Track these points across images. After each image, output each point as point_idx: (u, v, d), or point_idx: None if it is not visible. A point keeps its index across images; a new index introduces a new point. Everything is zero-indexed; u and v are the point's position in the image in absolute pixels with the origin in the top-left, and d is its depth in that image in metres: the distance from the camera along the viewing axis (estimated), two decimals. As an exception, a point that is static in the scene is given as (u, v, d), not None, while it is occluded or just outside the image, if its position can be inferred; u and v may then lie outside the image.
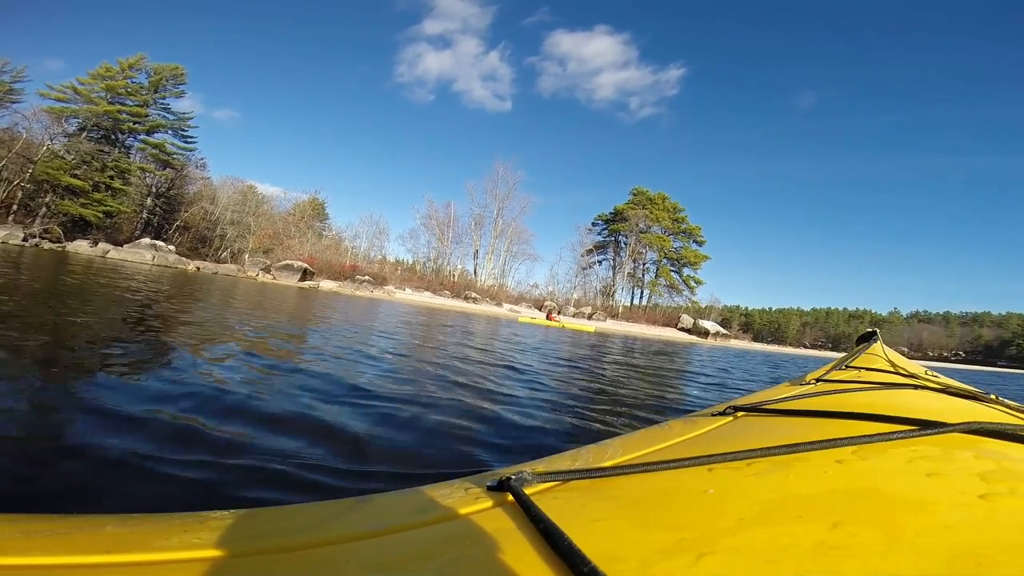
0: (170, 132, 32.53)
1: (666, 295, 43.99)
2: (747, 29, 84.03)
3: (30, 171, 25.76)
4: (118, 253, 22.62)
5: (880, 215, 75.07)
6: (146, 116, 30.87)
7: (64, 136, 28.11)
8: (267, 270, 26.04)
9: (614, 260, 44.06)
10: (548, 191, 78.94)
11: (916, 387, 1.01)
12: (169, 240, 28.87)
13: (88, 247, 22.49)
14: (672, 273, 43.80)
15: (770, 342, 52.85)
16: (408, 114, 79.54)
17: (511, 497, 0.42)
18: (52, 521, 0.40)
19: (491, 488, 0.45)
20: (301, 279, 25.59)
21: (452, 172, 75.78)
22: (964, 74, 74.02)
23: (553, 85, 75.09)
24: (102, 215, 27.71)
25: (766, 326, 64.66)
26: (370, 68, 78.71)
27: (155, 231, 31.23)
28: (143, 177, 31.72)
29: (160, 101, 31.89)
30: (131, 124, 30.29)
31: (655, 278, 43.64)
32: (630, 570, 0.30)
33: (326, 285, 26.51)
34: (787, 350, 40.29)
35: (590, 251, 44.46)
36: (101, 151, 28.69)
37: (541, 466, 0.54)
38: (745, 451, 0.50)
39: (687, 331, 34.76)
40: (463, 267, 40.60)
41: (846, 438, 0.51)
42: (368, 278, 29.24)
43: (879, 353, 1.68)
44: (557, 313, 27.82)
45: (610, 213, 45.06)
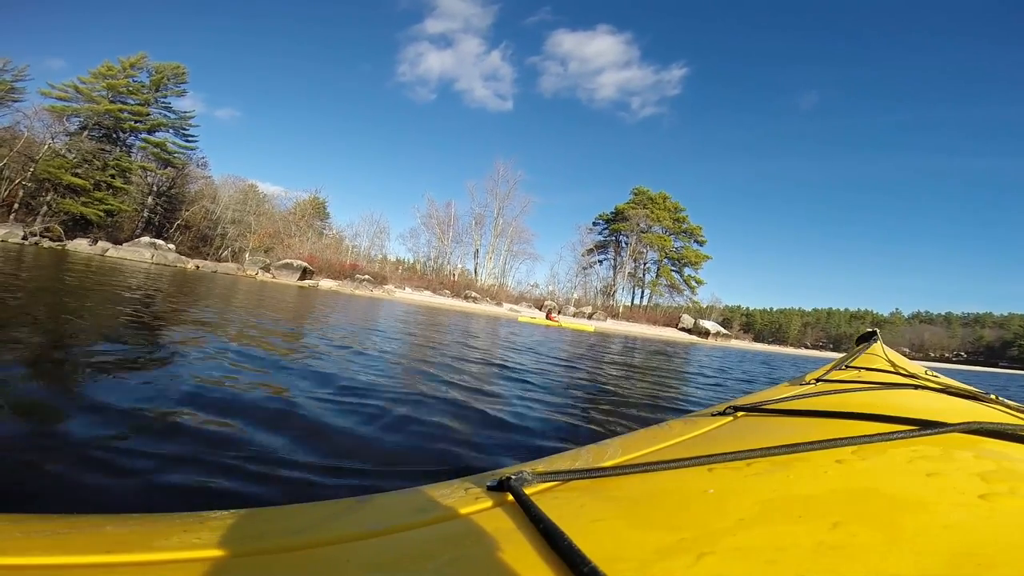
0: (171, 131, 32.60)
1: (667, 295, 44.04)
2: (748, 29, 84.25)
3: (31, 170, 25.81)
4: (117, 252, 22.63)
5: (881, 215, 75.28)
6: (147, 115, 30.91)
7: (65, 135, 28.17)
8: (266, 269, 26.06)
9: (615, 260, 44.07)
10: (549, 191, 78.85)
11: (916, 387, 1.01)
12: (170, 239, 28.92)
13: (87, 246, 22.50)
14: (673, 273, 43.78)
15: (771, 342, 52.79)
16: (409, 113, 79.86)
17: (511, 497, 0.42)
18: (52, 521, 0.40)
19: (491, 488, 0.45)
20: (300, 278, 25.59)
21: (453, 171, 75.90)
22: (964, 74, 74.14)
23: (554, 85, 75.30)
24: (103, 214, 27.75)
25: (767, 326, 64.63)
26: (371, 67, 79.17)
27: (156, 230, 31.28)
28: (144, 176, 31.78)
29: (161, 100, 31.93)
30: (132, 123, 30.33)
31: (656, 278, 43.65)
32: (630, 570, 0.31)
33: (325, 284, 26.54)
34: (788, 350, 40.25)
35: (591, 251, 44.49)
36: (102, 150, 28.74)
37: (541, 466, 0.54)
38: (745, 451, 0.50)
39: (688, 331, 34.73)
40: (463, 266, 40.70)
41: (846, 438, 0.50)
42: (368, 277, 29.27)
43: (879, 353, 1.68)
44: (557, 313, 27.78)
45: (611, 213, 45.06)
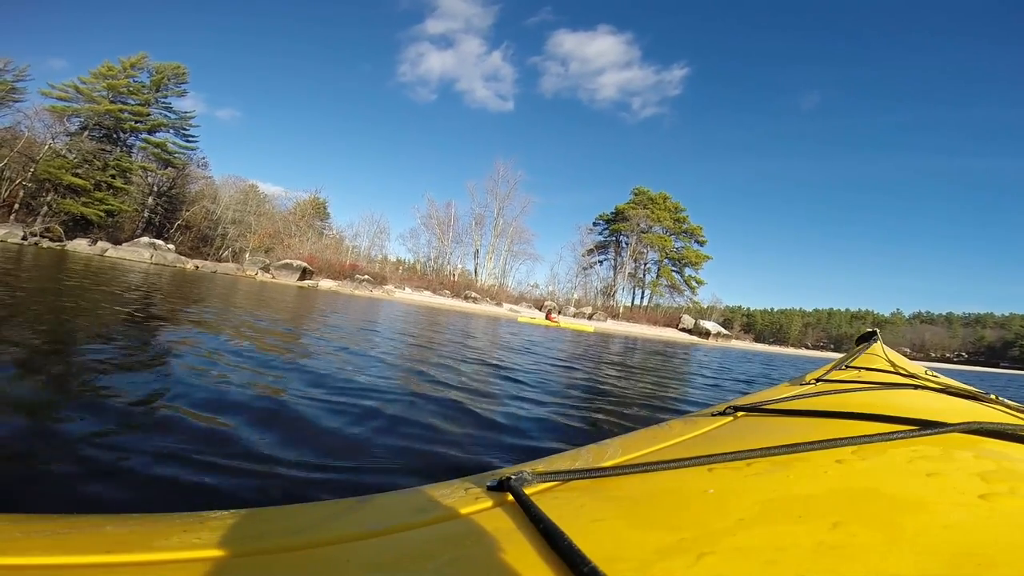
0: (172, 131, 32.64)
1: (667, 295, 44.05)
2: (749, 29, 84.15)
3: (32, 170, 25.83)
4: (116, 252, 22.64)
5: (881, 215, 75.23)
6: (148, 115, 30.93)
7: (66, 135, 28.19)
8: (266, 269, 26.05)
9: (615, 260, 44.09)
10: (549, 191, 79.00)
11: (916, 387, 1.01)
12: (170, 239, 28.93)
13: (87, 246, 22.52)
14: (673, 273, 43.78)
15: (772, 343, 52.79)
16: (410, 114, 79.81)
17: (511, 497, 0.42)
18: (52, 521, 0.40)
19: (491, 488, 0.45)
20: (300, 278, 25.61)
21: (453, 171, 75.99)
22: (964, 74, 74.08)
23: (555, 85, 75.22)
24: (103, 214, 27.76)
25: (768, 327, 64.58)
26: (372, 67, 79.08)
27: (156, 230, 31.30)
28: (145, 176, 31.81)
29: (162, 100, 31.95)
30: (133, 123, 30.35)
31: (656, 278, 43.64)
32: (630, 570, 0.31)
33: (325, 284, 26.54)
34: (789, 351, 40.26)
35: (591, 251, 44.50)
36: (103, 150, 28.76)
37: (541, 466, 0.54)
38: (745, 451, 0.50)
39: (688, 331, 34.75)
40: (463, 267, 40.70)
41: (846, 438, 0.50)
42: (367, 277, 29.26)
43: (879, 353, 1.68)
44: (557, 313, 27.77)
45: (611, 213, 45.07)
